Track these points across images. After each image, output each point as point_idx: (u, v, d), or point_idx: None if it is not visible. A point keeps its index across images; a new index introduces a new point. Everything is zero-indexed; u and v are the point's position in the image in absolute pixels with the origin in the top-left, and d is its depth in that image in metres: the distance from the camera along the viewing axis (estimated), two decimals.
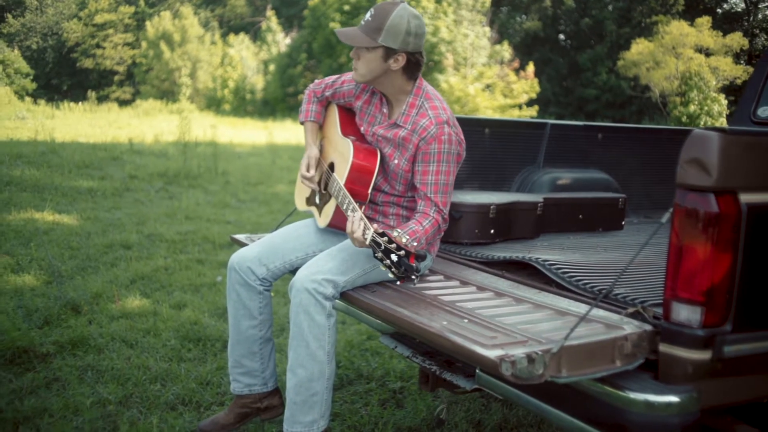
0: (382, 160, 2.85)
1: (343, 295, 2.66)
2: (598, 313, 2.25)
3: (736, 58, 29.39)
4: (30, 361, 3.73)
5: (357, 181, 2.78)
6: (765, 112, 3.56)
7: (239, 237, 3.41)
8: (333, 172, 2.90)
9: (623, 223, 3.97)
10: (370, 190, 2.81)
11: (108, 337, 4.10)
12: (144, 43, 43.11)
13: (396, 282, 2.59)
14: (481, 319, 2.23)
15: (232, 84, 38.36)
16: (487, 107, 24.08)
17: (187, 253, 6.36)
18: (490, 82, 26.00)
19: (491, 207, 3.30)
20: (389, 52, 2.67)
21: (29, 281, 5.08)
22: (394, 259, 2.30)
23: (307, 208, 3.15)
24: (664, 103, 29.76)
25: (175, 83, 40.86)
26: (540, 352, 1.86)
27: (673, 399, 1.90)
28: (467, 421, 3.34)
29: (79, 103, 30.36)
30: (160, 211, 8.26)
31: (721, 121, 24.96)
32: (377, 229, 2.37)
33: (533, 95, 26.30)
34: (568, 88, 37.03)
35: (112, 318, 4.44)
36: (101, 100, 37.76)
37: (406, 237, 2.36)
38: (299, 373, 2.61)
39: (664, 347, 1.99)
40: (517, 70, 27.40)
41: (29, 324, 4.22)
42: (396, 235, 2.35)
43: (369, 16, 2.67)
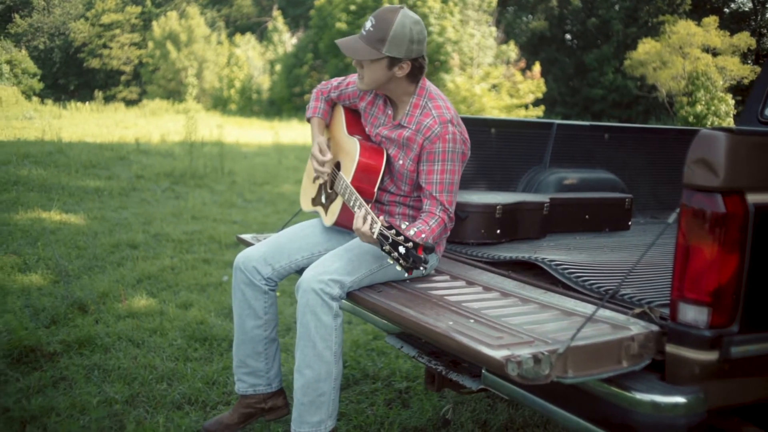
0: (387, 161, 2.85)
1: (350, 295, 2.66)
2: (604, 313, 2.24)
3: (744, 57, 29.28)
4: (37, 360, 3.74)
5: (364, 180, 2.79)
6: None
7: (245, 237, 3.42)
8: (339, 171, 2.91)
9: (630, 223, 3.96)
10: (376, 189, 2.82)
11: (114, 336, 4.11)
12: (150, 43, 43.18)
13: (404, 275, 2.58)
14: (487, 320, 2.23)
15: (238, 84, 38.40)
16: (494, 107, 24.05)
17: (193, 252, 6.37)
18: (496, 82, 25.97)
19: (497, 207, 3.30)
20: (394, 61, 2.68)
21: (36, 280, 5.09)
22: (402, 251, 2.30)
23: (313, 208, 3.15)
24: (671, 103, 29.68)
25: (181, 83, 40.92)
26: (546, 353, 1.86)
27: (680, 400, 1.90)
28: (473, 422, 3.34)
29: (86, 103, 30.45)
30: (166, 211, 8.27)
31: (728, 121, 24.87)
32: (384, 223, 2.38)
33: (539, 95, 26.25)
34: (575, 88, 36.97)
35: (119, 317, 4.45)
36: (108, 100, 37.84)
37: (414, 230, 2.37)
38: (306, 373, 2.61)
39: (670, 348, 1.98)
40: (523, 70, 27.35)
41: (36, 323, 4.24)
42: (404, 227, 2.36)
43: (370, 26, 2.66)
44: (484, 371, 2.28)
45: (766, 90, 3.62)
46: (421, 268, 2.33)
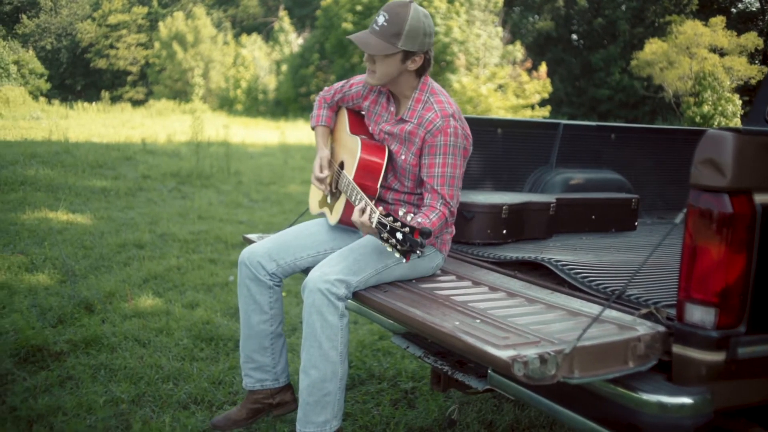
0: (390, 157, 2.87)
1: (355, 295, 2.66)
2: (610, 313, 2.24)
3: (751, 58, 29.22)
4: (44, 359, 3.75)
5: (366, 176, 2.81)
6: None
7: (251, 236, 3.42)
8: (342, 170, 2.93)
9: (636, 223, 3.95)
10: (379, 185, 2.84)
11: (121, 336, 4.12)
12: (157, 44, 43.29)
13: (402, 260, 2.56)
14: (494, 320, 2.23)
15: (244, 84, 38.47)
16: (500, 107, 24.02)
17: (199, 252, 6.38)
18: (502, 82, 25.93)
19: (504, 207, 3.30)
20: (408, 54, 2.71)
21: (43, 280, 5.11)
22: (399, 237, 2.33)
23: (320, 210, 3.18)
24: (678, 104, 29.61)
25: (187, 83, 41.01)
26: (552, 353, 1.85)
27: (687, 400, 1.89)
28: (479, 422, 3.34)
29: (93, 103, 30.58)
30: (172, 211, 8.29)
31: (736, 122, 24.80)
32: (383, 212, 2.40)
33: (546, 95, 26.20)
34: (581, 89, 36.91)
35: (125, 317, 4.46)
36: (115, 100, 38.02)
37: (411, 215, 2.39)
38: (312, 373, 2.61)
39: (677, 348, 1.98)
40: (529, 71, 27.32)
41: (43, 323, 4.25)
42: (401, 213, 2.38)
43: (384, 21, 2.67)
44: (490, 371, 2.27)
45: None
46: (417, 252, 2.35)
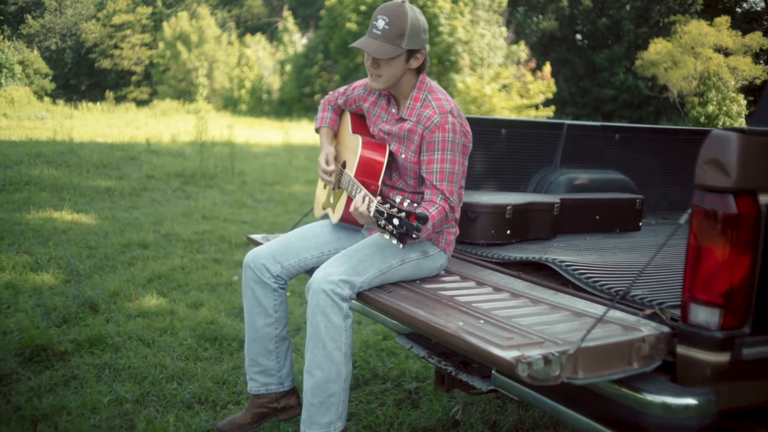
0: (392, 157, 2.89)
1: (359, 296, 2.66)
2: (615, 314, 2.24)
3: (756, 58, 29.10)
4: (48, 359, 3.76)
5: (367, 173, 2.84)
6: None
7: (255, 237, 3.42)
8: (345, 169, 2.96)
9: (640, 224, 3.95)
10: (380, 182, 2.86)
11: (125, 335, 4.13)
12: (161, 44, 43.34)
13: (399, 246, 2.55)
14: (498, 320, 2.23)
15: (248, 84, 38.49)
16: (504, 107, 23.96)
17: (203, 252, 6.39)
18: (506, 82, 25.87)
19: (507, 207, 3.30)
20: (411, 53, 2.75)
21: (48, 280, 5.12)
22: (396, 222, 2.34)
23: (323, 211, 3.20)
24: (682, 104, 29.53)
25: (192, 83, 41.07)
26: (556, 354, 1.85)
27: (691, 401, 1.89)
28: (483, 422, 3.34)
29: (97, 103, 30.62)
30: (177, 211, 8.30)
31: (740, 122, 24.74)
32: (380, 200, 2.42)
33: (550, 95, 26.12)
34: (585, 89, 36.84)
35: (130, 317, 4.47)
36: (119, 100, 38.02)
37: (407, 201, 2.41)
38: (316, 374, 2.61)
39: (681, 349, 1.98)
40: (533, 71, 27.23)
41: (48, 322, 4.26)
42: (398, 200, 2.40)
43: (385, 24, 2.69)
44: (494, 372, 2.27)
45: None
46: (413, 235, 2.36)
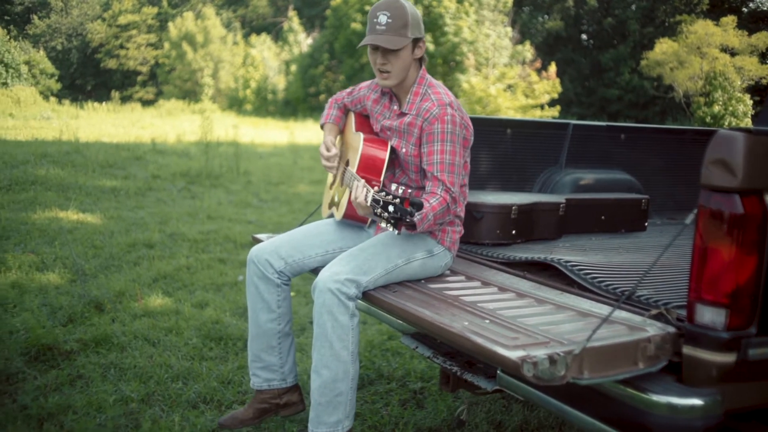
0: (394, 153, 2.92)
1: (365, 295, 2.66)
2: (620, 314, 2.23)
3: (762, 57, 29.03)
4: (54, 358, 3.77)
5: (368, 169, 2.86)
6: None
7: (261, 236, 3.42)
8: (348, 166, 2.99)
9: (646, 224, 3.94)
10: (382, 178, 2.88)
11: (131, 335, 4.13)
12: (167, 44, 43.43)
13: (395, 232, 2.54)
14: (503, 320, 2.23)
15: (253, 84, 38.54)
16: (509, 108, 23.95)
17: (209, 252, 6.39)
18: (511, 82, 25.85)
19: (513, 207, 3.29)
20: (415, 42, 2.81)
21: (54, 279, 5.13)
22: (391, 209, 2.36)
23: (329, 211, 3.23)
24: (688, 104, 29.48)
25: (197, 83, 41.13)
26: (562, 354, 1.85)
27: (697, 402, 1.88)
28: (488, 422, 3.33)
29: (103, 103, 30.71)
30: (182, 211, 8.31)
31: (746, 122, 24.67)
32: (377, 190, 2.43)
33: (555, 95, 26.10)
34: (591, 89, 36.78)
35: (135, 316, 4.48)
36: (124, 100, 38.17)
37: (403, 188, 2.43)
38: (324, 373, 2.62)
39: (687, 349, 1.97)
40: (539, 70, 27.22)
41: (53, 322, 4.27)
42: (394, 188, 2.42)
43: (387, 19, 2.74)
44: (499, 372, 2.27)
45: None
46: (407, 219, 2.37)
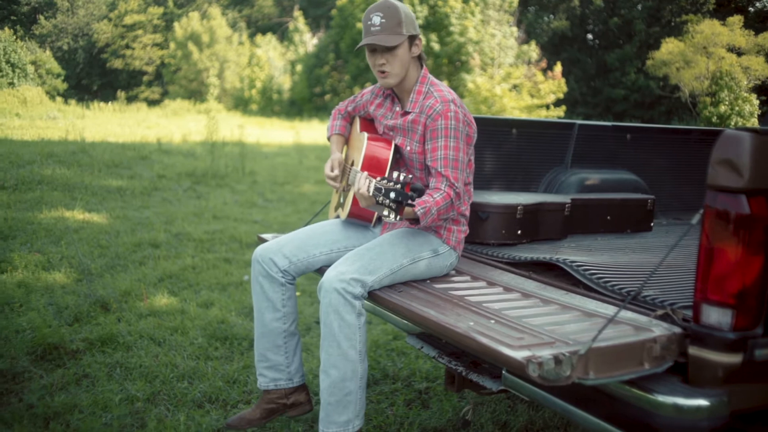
0: (398, 151, 2.94)
1: (370, 295, 2.67)
2: (626, 314, 2.23)
3: None
4: (60, 357, 3.78)
5: (372, 167, 2.88)
6: None
7: (266, 236, 3.43)
8: (353, 166, 3.01)
9: (652, 224, 3.93)
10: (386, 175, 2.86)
11: (136, 334, 4.14)
12: (172, 44, 43.49)
13: (396, 219, 2.54)
14: (508, 320, 2.23)
15: (259, 84, 38.57)
16: (515, 107, 23.90)
17: (214, 252, 6.40)
18: (517, 82, 25.81)
19: (518, 207, 3.29)
20: (411, 39, 2.84)
21: (60, 279, 5.15)
22: (393, 195, 2.37)
23: (335, 213, 3.25)
24: (694, 104, 29.39)
25: (203, 83, 41.18)
26: (567, 354, 1.84)
27: (703, 402, 1.88)
28: (493, 423, 3.33)
29: (109, 103, 30.75)
30: (187, 211, 8.33)
31: (753, 122, 24.59)
32: (380, 179, 2.45)
33: (561, 95, 26.03)
34: (596, 88, 36.70)
35: (141, 316, 4.49)
36: (130, 100, 38.23)
37: (404, 175, 2.43)
38: (332, 373, 2.62)
39: (693, 350, 1.97)
40: (544, 70, 27.15)
41: (59, 321, 4.28)
42: (395, 175, 2.43)
43: (381, 19, 2.78)
44: (504, 372, 2.27)
45: None
46: (407, 202, 2.39)
